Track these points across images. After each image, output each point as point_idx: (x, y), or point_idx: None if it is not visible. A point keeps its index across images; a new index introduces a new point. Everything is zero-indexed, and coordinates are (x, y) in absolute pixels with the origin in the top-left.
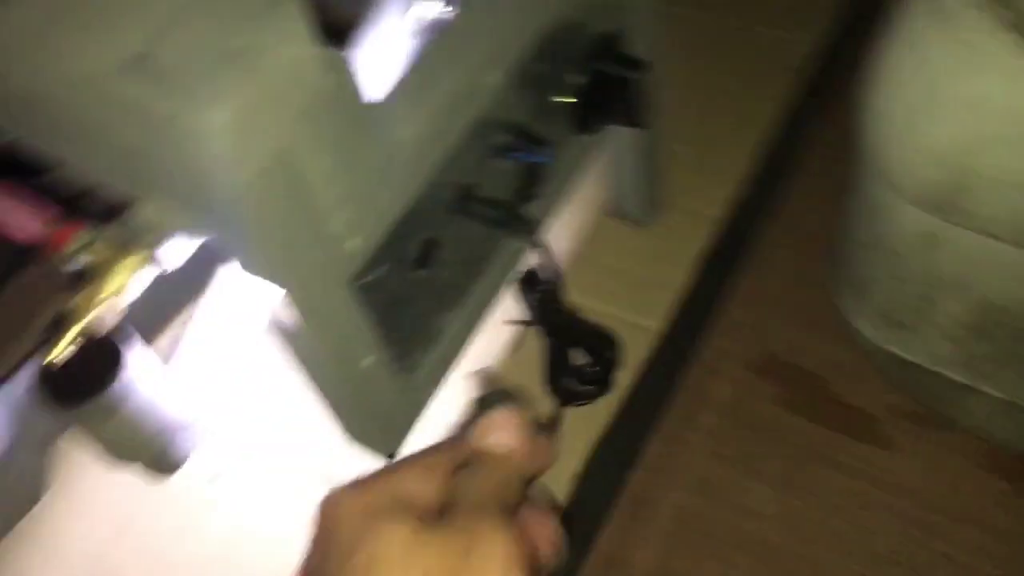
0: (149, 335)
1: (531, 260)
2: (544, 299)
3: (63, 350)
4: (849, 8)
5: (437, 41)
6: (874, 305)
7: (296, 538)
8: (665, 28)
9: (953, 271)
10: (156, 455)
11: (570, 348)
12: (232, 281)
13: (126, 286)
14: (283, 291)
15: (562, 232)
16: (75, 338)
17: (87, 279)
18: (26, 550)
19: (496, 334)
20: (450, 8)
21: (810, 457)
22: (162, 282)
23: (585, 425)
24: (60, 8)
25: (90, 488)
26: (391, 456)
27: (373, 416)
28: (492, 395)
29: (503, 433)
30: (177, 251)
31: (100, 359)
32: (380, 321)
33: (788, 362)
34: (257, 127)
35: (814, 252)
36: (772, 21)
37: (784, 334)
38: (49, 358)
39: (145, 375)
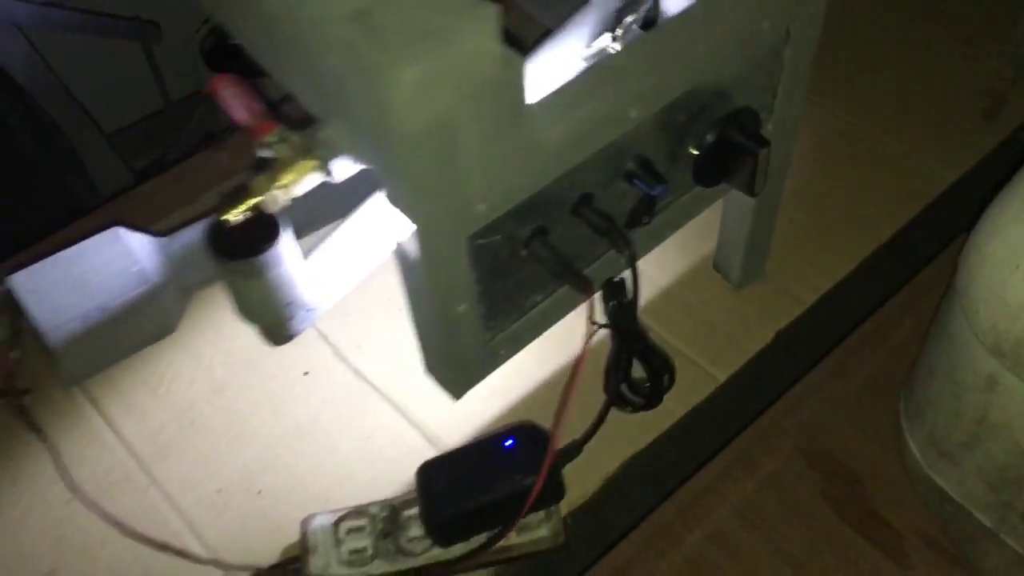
0: (300, 228)
1: (621, 273)
2: (621, 308)
3: (238, 214)
4: (995, 154)
5: (597, 69)
6: (927, 430)
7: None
8: (804, 118)
9: (1003, 416)
10: (277, 323)
11: (632, 358)
12: (377, 207)
13: (297, 182)
14: (414, 227)
15: (662, 263)
16: (248, 208)
17: (270, 166)
18: (133, 378)
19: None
20: (617, 47)
21: (831, 550)
22: (324, 189)
23: (631, 435)
24: None
25: (206, 343)
26: (456, 399)
27: (452, 358)
28: None
29: None
30: (343, 169)
31: (261, 230)
32: (481, 279)
33: (838, 458)
34: (435, 92)
35: (891, 366)
36: (916, 145)
37: (841, 432)
38: (225, 216)
39: (289, 256)
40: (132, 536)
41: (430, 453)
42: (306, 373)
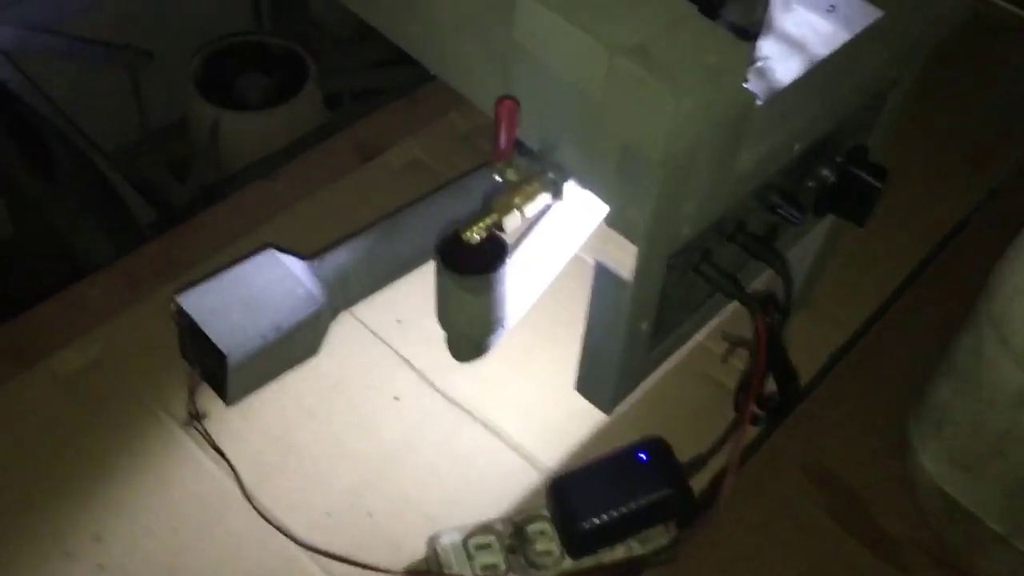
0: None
1: (773, 287)
2: (772, 323)
3: (476, 231)
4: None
5: (777, 102)
6: (946, 445)
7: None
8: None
9: None
10: (484, 337)
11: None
12: (553, 226)
13: (529, 203)
14: (633, 248)
15: None
16: (486, 227)
17: (507, 188)
18: (220, 404)
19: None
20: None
21: (835, 560)
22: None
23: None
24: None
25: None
26: (608, 414)
27: (619, 374)
28: None
29: None
30: (569, 191)
31: (491, 248)
32: (661, 297)
33: (839, 475)
34: (696, 122)
35: (889, 384)
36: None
37: (841, 449)
38: (465, 233)
39: (510, 276)
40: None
41: (530, 473)
42: (396, 398)
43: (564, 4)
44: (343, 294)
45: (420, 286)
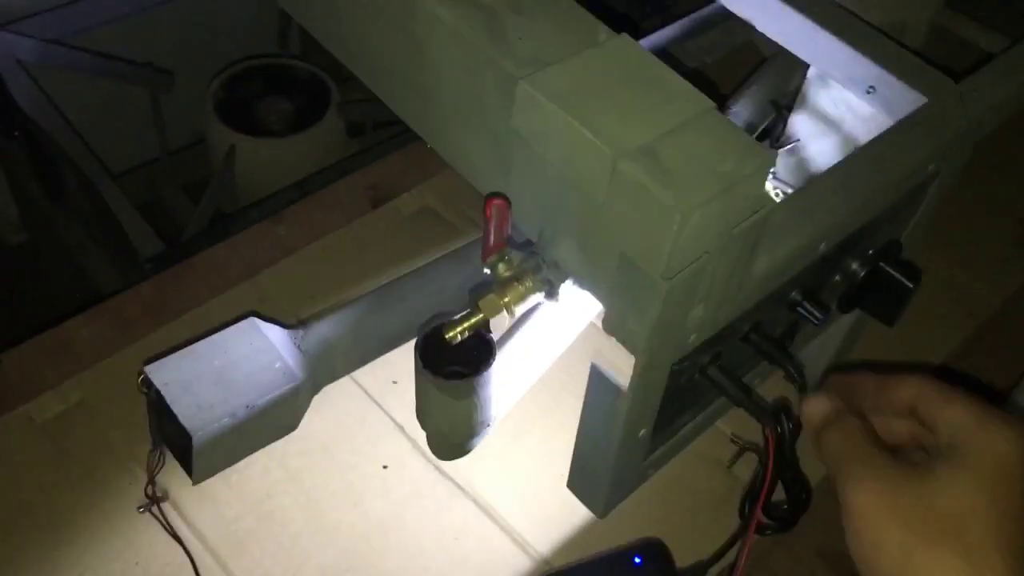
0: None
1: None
2: (784, 435)
3: (460, 332)
4: None
5: (798, 202)
6: None
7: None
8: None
9: None
10: (465, 439)
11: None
12: (544, 321)
13: (520, 302)
14: (632, 358)
15: None
16: (472, 327)
17: (498, 285)
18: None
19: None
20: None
21: None
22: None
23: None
24: (596, 90)
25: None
26: (601, 518)
27: (612, 480)
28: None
29: None
30: (565, 292)
31: (478, 350)
32: (661, 403)
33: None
34: (706, 232)
35: None
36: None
37: None
38: (448, 333)
39: (497, 375)
40: None
41: (520, 558)
42: (385, 467)
43: (567, 94)
44: (326, 369)
45: None
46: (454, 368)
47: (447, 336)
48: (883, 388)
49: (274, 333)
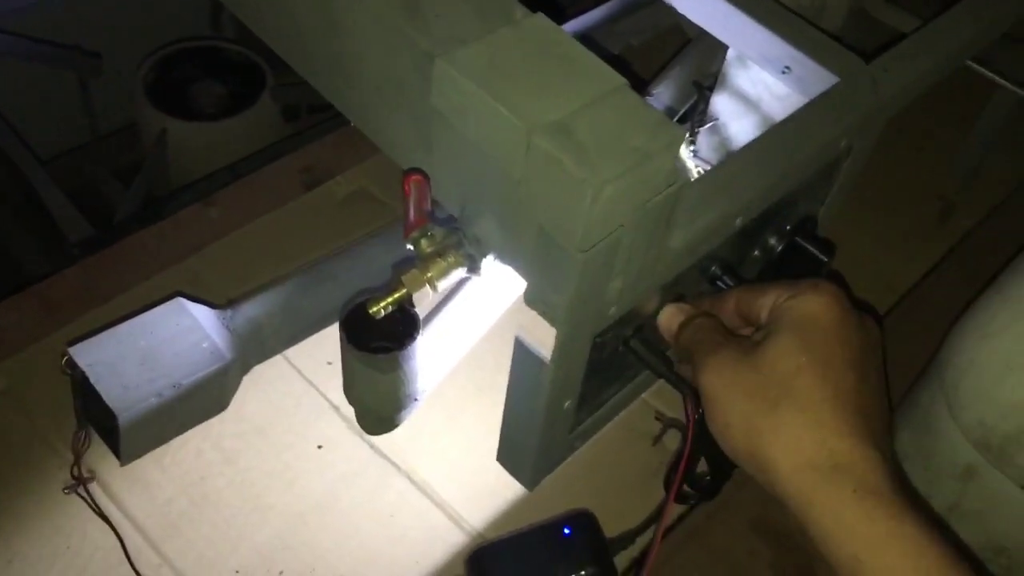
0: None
1: None
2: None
3: (385, 306)
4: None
5: (715, 177)
6: None
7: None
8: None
9: (976, 505)
10: (394, 413)
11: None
12: (472, 295)
13: (443, 277)
14: (553, 329)
15: None
16: (395, 301)
17: (421, 260)
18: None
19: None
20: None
21: None
22: (463, 281)
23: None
24: (511, 67)
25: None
26: (530, 490)
27: (539, 452)
28: None
29: None
30: (487, 266)
31: (403, 325)
32: (585, 375)
33: (787, 533)
34: (619, 205)
35: None
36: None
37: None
38: (372, 308)
39: (422, 349)
40: None
41: (455, 533)
42: (320, 447)
43: (482, 71)
44: (256, 348)
45: None
46: (380, 343)
47: (371, 311)
48: (714, 305)
49: (201, 313)
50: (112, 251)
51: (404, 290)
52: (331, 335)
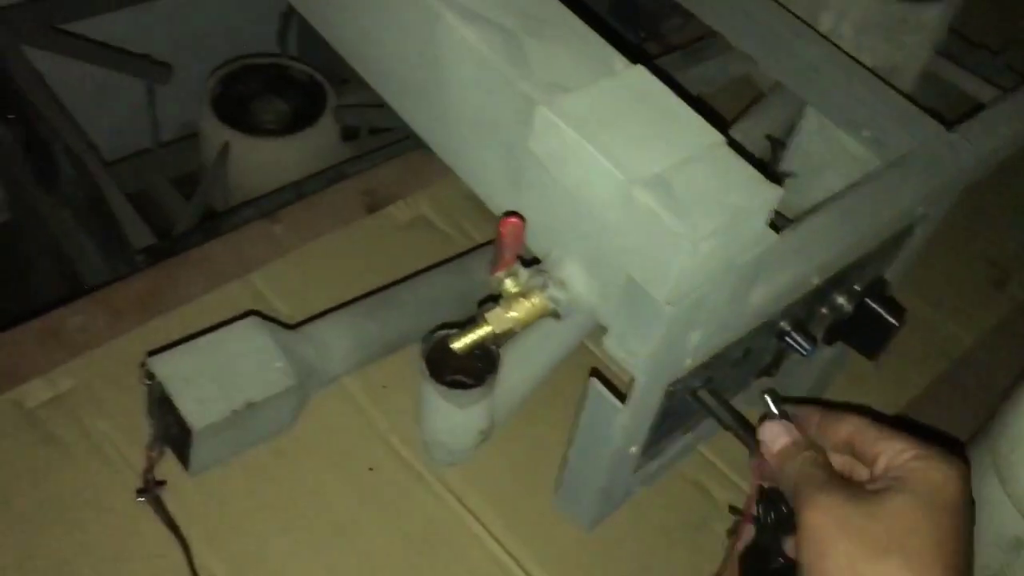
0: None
1: None
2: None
3: (468, 344)
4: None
5: (797, 235)
6: None
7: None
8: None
9: None
10: (466, 448)
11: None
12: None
13: (526, 319)
14: (635, 375)
15: None
16: (479, 339)
17: (505, 300)
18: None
19: None
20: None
21: None
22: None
23: None
24: (612, 118)
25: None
26: (590, 530)
27: (601, 494)
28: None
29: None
30: (570, 310)
31: (481, 361)
32: (654, 422)
33: None
34: (712, 261)
35: None
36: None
37: None
38: (455, 344)
39: (499, 386)
40: None
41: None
42: (371, 469)
43: (584, 120)
44: (324, 372)
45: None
46: (456, 378)
47: (454, 347)
48: (825, 423)
49: (275, 333)
50: (176, 261)
51: (489, 328)
52: (387, 359)
